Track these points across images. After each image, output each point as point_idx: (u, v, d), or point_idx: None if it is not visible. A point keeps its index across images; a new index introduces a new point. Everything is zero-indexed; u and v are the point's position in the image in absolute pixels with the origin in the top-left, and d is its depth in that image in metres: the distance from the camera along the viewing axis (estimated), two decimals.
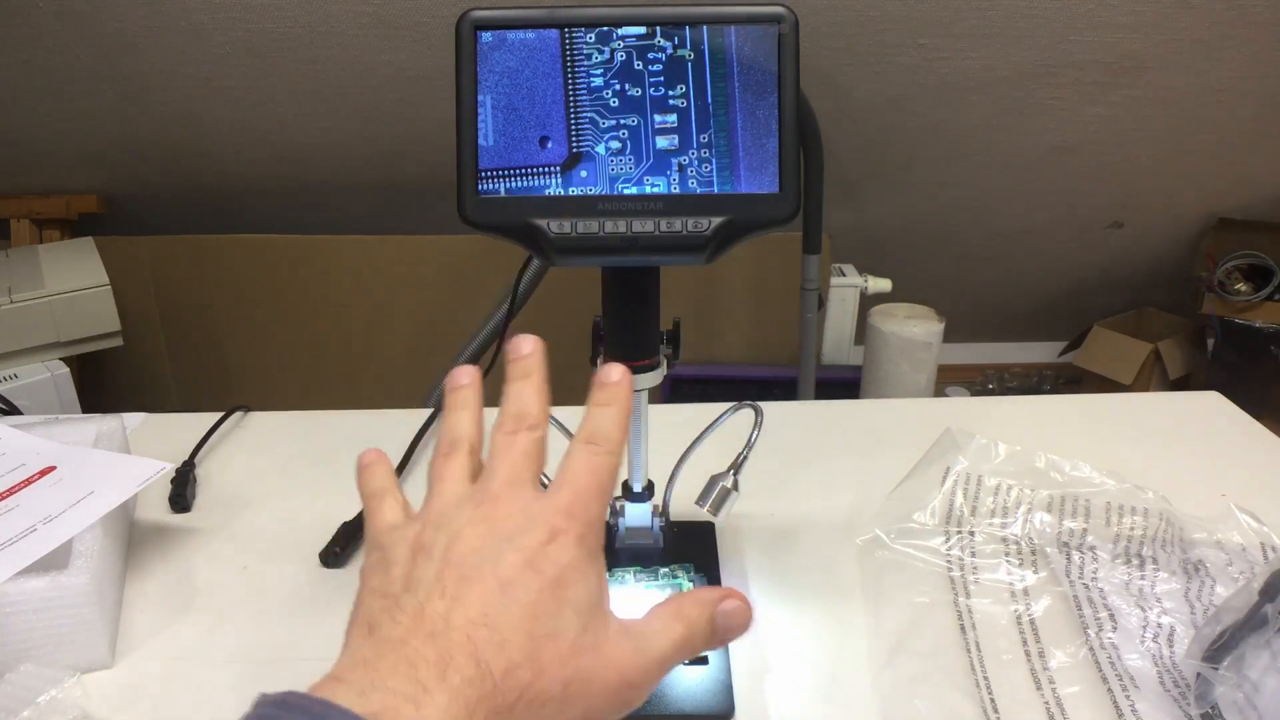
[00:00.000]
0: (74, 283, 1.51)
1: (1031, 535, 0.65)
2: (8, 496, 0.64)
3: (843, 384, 1.91)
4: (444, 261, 1.87)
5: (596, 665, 0.32)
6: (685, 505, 0.61)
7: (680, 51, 0.45)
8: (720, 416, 0.61)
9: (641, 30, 0.45)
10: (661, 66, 0.45)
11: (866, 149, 1.81)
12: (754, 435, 0.59)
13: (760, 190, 0.45)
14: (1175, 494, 0.66)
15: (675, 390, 1.92)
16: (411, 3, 1.43)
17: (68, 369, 1.45)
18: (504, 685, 0.29)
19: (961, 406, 1.07)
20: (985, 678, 0.54)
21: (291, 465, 0.78)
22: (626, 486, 0.61)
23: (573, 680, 0.31)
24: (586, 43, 0.45)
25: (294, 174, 1.83)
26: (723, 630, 0.35)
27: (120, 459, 0.66)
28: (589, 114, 0.45)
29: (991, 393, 2.43)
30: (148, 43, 1.49)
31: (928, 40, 1.54)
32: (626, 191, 0.45)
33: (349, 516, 0.68)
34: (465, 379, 0.41)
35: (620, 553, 0.64)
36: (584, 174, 0.45)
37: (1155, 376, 2.16)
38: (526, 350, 0.39)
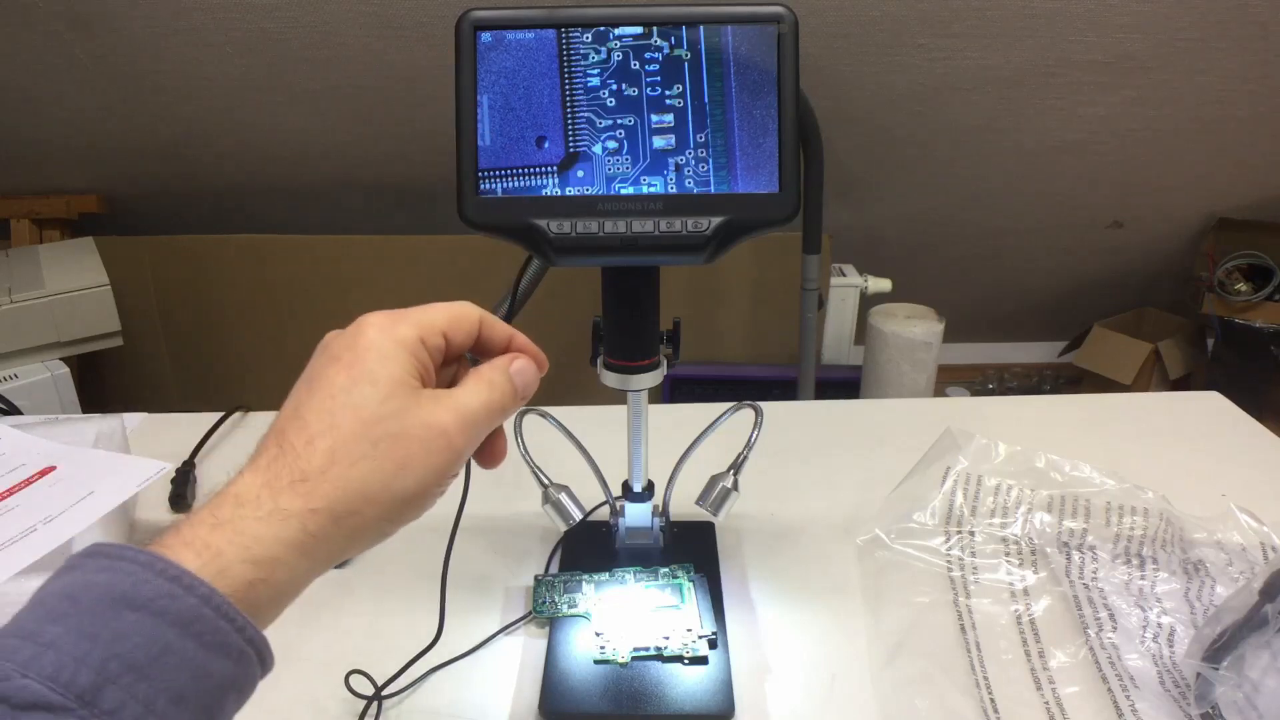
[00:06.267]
0: (74, 283, 1.51)
1: (1031, 535, 0.65)
2: (8, 496, 0.64)
3: (843, 384, 1.91)
4: (444, 261, 1.86)
5: (406, 422, 0.35)
6: (685, 505, 0.61)
7: (677, 51, 0.45)
8: (720, 416, 0.61)
9: (638, 30, 0.45)
10: (658, 66, 0.45)
11: (866, 149, 1.81)
12: (754, 435, 0.59)
13: (760, 190, 0.45)
14: (1175, 494, 0.66)
15: (675, 390, 1.92)
16: (411, 3, 1.43)
17: (68, 369, 1.45)
18: (307, 453, 0.33)
19: (961, 406, 1.06)
20: (985, 678, 0.54)
21: None
22: (626, 486, 0.61)
23: (381, 439, 0.34)
24: (583, 43, 0.45)
25: (293, 174, 1.83)
26: (521, 386, 0.40)
27: (120, 459, 0.66)
28: (586, 114, 0.45)
29: (991, 393, 2.43)
30: (147, 43, 1.49)
31: (927, 40, 1.54)
32: (624, 191, 0.45)
33: None
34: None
35: (620, 553, 0.64)
36: (581, 174, 0.45)
37: (1155, 376, 2.16)
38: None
